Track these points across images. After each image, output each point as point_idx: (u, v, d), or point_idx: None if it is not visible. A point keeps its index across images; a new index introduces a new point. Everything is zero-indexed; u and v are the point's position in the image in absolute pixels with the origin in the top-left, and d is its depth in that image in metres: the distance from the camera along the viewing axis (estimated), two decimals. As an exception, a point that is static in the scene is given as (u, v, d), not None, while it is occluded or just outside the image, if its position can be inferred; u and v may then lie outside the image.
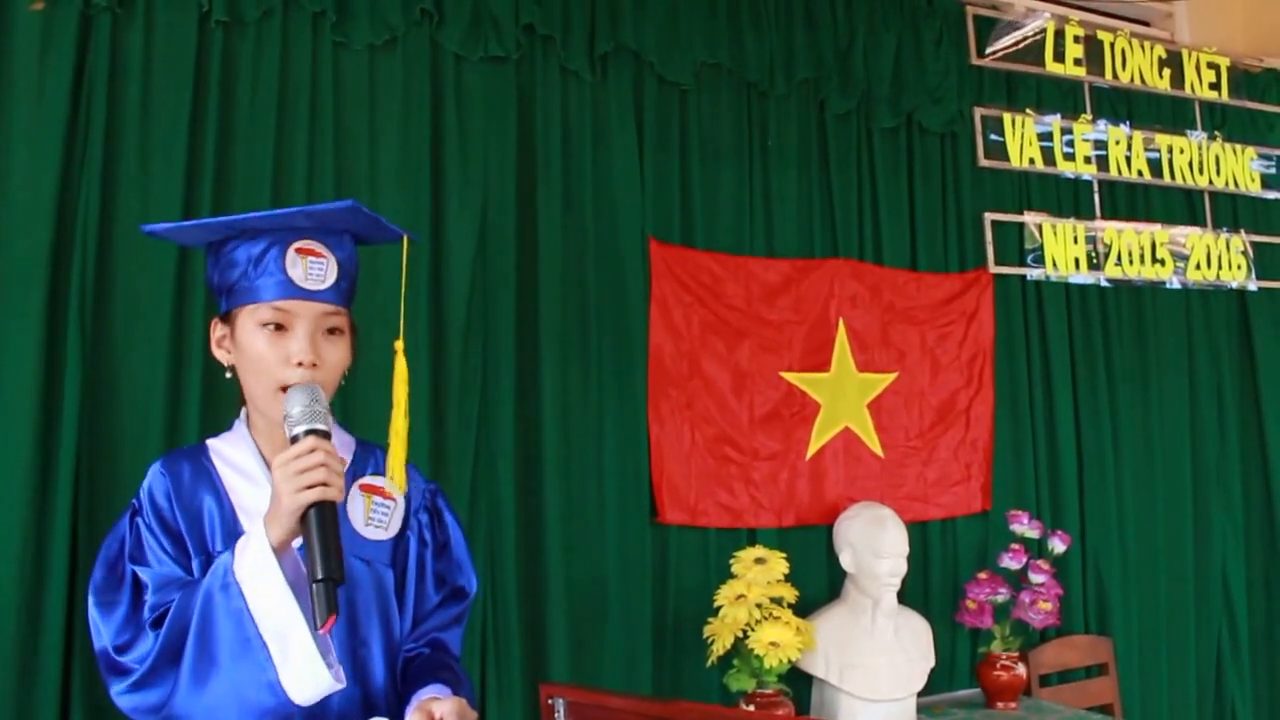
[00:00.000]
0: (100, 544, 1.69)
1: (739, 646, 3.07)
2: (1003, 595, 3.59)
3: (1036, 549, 3.80)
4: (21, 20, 2.72)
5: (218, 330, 1.70)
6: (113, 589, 1.61)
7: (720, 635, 3.08)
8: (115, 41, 2.82)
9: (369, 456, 1.79)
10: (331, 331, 1.66)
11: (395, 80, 3.16)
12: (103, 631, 1.58)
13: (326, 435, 1.53)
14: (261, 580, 1.47)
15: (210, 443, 1.75)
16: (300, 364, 1.60)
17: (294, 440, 1.51)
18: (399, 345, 1.74)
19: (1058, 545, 3.80)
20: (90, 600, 1.61)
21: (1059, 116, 4.31)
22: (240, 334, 1.64)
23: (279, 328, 1.62)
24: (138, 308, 2.78)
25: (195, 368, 2.79)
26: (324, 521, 1.45)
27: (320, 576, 1.42)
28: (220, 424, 1.85)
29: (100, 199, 2.76)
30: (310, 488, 1.46)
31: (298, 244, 1.62)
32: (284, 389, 1.60)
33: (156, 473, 1.70)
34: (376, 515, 1.73)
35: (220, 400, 2.69)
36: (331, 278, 1.64)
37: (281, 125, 3.00)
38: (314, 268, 1.63)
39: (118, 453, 2.72)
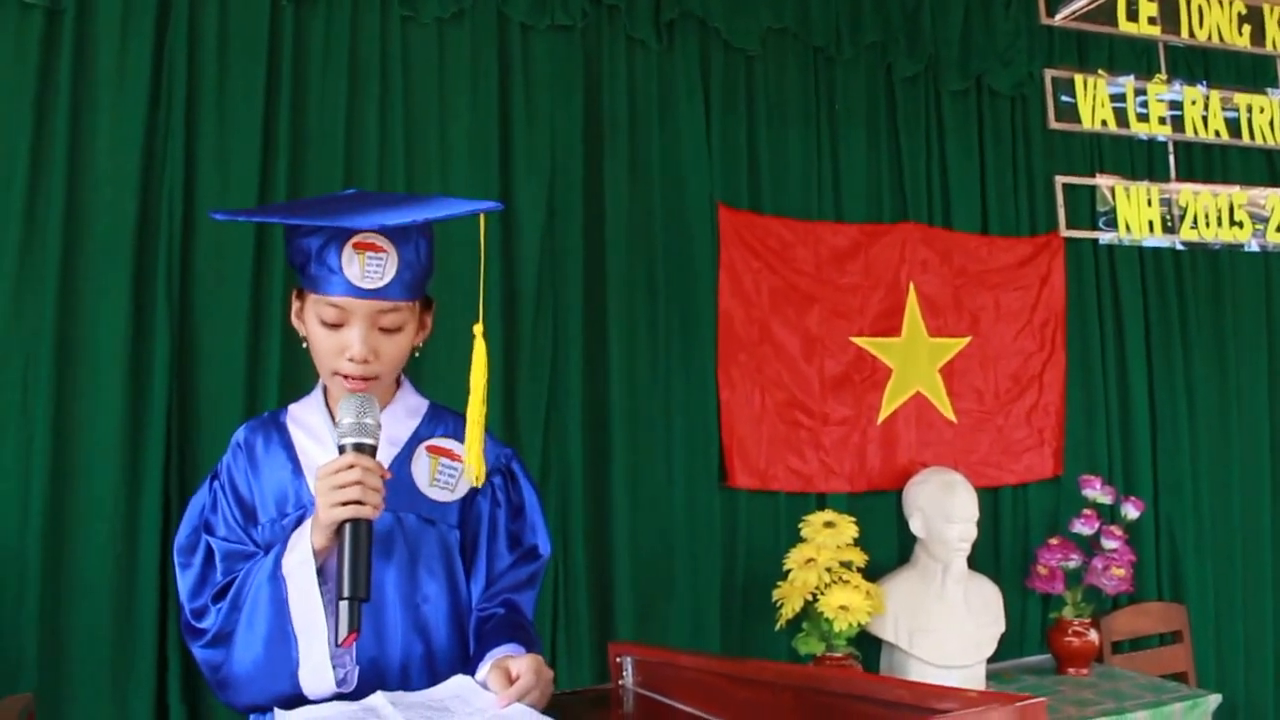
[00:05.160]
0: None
1: (808, 610, 3.09)
2: (1074, 561, 3.56)
3: (1109, 515, 3.76)
4: (104, 5, 2.81)
5: (295, 303, 1.73)
6: (190, 550, 1.69)
7: (789, 599, 3.10)
8: (192, 22, 2.90)
9: (440, 420, 1.80)
10: (388, 328, 1.64)
11: (463, 52, 3.20)
12: (181, 588, 1.68)
13: (372, 450, 1.55)
14: (300, 580, 1.54)
15: (290, 408, 1.80)
16: (352, 359, 1.62)
17: (341, 450, 1.54)
18: (478, 330, 1.69)
19: (1130, 511, 3.75)
20: (174, 556, 1.71)
21: (1132, 77, 4.23)
22: (306, 315, 1.67)
23: (336, 324, 1.63)
24: (220, 279, 2.88)
25: (275, 336, 2.87)
26: (356, 539, 1.48)
27: (346, 595, 1.45)
28: (299, 389, 1.91)
29: (183, 175, 2.86)
30: (344, 505, 1.49)
31: (356, 239, 1.58)
32: (335, 374, 1.64)
33: (235, 444, 1.76)
34: (443, 477, 1.74)
35: (299, 366, 2.77)
36: (390, 273, 1.60)
37: (353, 99, 3.06)
38: (371, 265, 1.59)
39: (204, 418, 2.84)
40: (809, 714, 1.12)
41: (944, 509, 3.31)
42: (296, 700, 1.54)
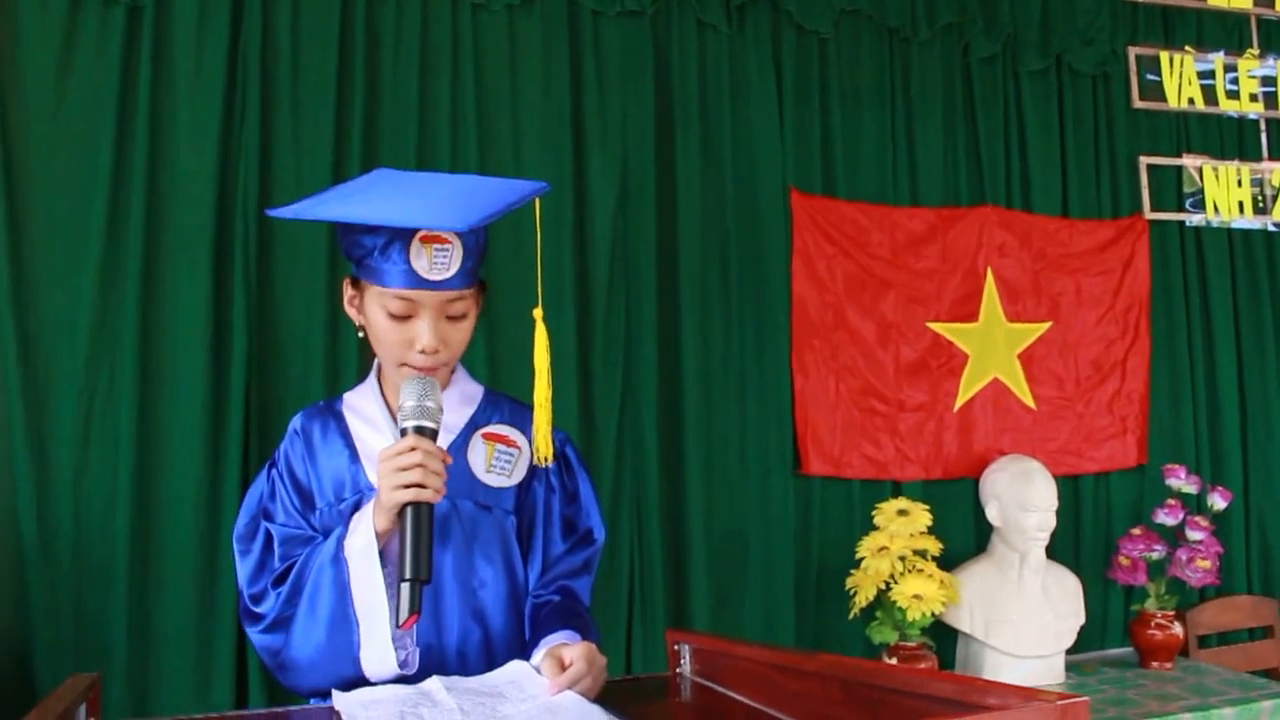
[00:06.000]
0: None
1: (882, 599, 3.06)
2: (1158, 552, 3.48)
3: (1195, 505, 3.66)
4: (181, 0, 2.87)
5: (348, 291, 1.73)
6: (249, 538, 1.72)
7: (862, 587, 3.07)
8: (266, 15, 2.96)
9: (495, 407, 1.81)
10: (454, 316, 1.66)
11: (534, 39, 3.21)
12: (240, 575, 1.70)
13: (434, 434, 1.55)
14: (363, 563, 1.56)
15: (346, 396, 1.82)
16: (423, 351, 1.62)
17: (403, 433, 1.55)
18: (538, 314, 1.68)
19: (1218, 501, 3.65)
20: (233, 544, 1.73)
21: (1222, 53, 4.10)
22: (367, 306, 1.67)
23: (404, 315, 1.63)
24: (297, 263, 2.94)
25: (352, 322, 2.89)
26: (418, 522, 1.48)
27: (407, 576, 1.45)
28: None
29: (258, 166, 2.92)
30: (406, 487, 1.49)
31: (422, 232, 1.58)
32: (404, 365, 1.65)
33: (293, 432, 1.78)
34: (499, 463, 1.74)
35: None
36: (456, 264, 1.61)
37: (425, 87, 3.09)
38: (439, 257, 1.59)
39: (282, 405, 2.89)
40: (856, 706, 1.12)
41: (1021, 497, 3.25)
42: (357, 683, 1.55)
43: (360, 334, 1.73)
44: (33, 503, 2.71)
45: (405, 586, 1.45)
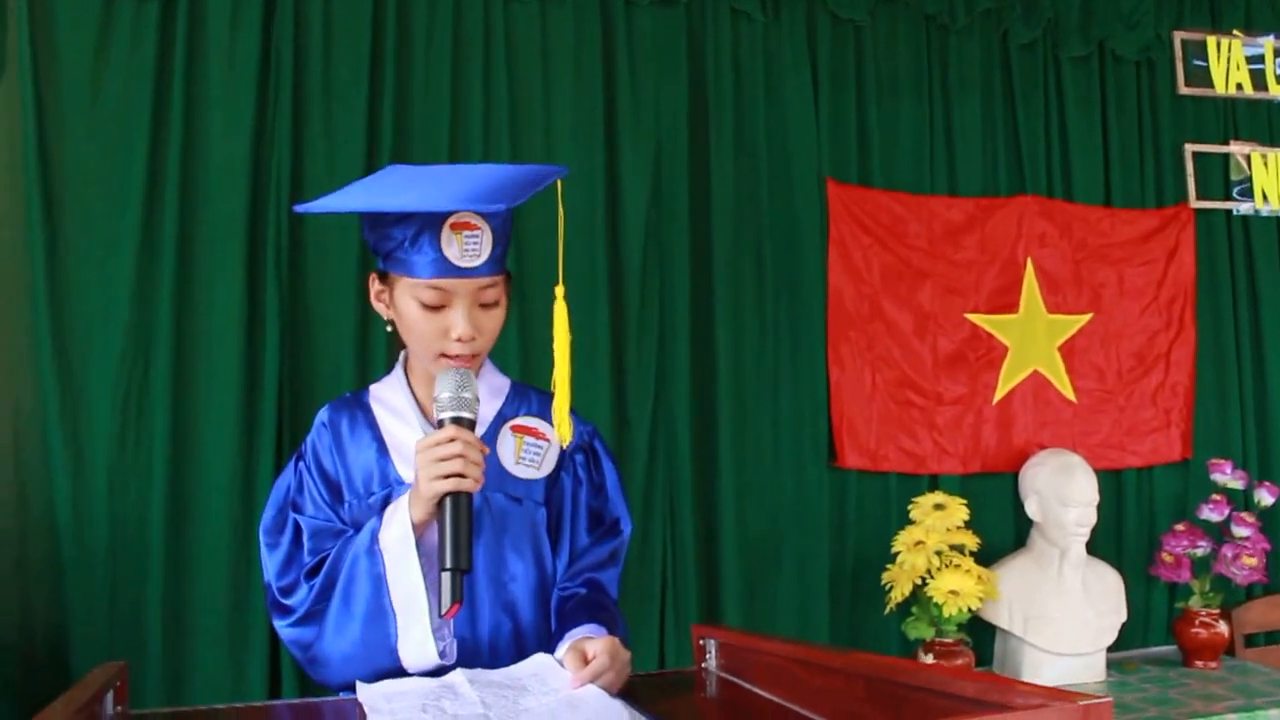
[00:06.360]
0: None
1: (918, 594, 3.02)
2: (1203, 548, 3.41)
3: (1241, 500, 3.59)
4: (214, -6, 2.89)
5: (376, 285, 1.71)
6: (277, 530, 1.70)
7: (898, 582, 3.03)
8: (298, 6, 2.97)
9: (523, 399, 1.80)
10: (487, 304, 1.65)
11: (566, 29, 3.20)
12: (268, 568, 1.69)
13: (471, 425, 1.55)
14: (400, 554, 1.54)
15: (372, 388, 1.81)
16: (459, 339, 1.61)
17: (440, 425, 1.54)
18: (559, 290, 1.68)
19: (1265, 497, 3.57)
20: (260, 537, 1.72)
21: (1272, 37, 4.00)
22: (398, 299, 1.65)
23: (438, 305, 1.62)
24: (329, 255, 2.94)
25: (382, 311, 2.92)
26: (457, 511, 1.48)
27: (448, 566, 1.45)
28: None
29: (290, 158, 2.93)
30: (446, 477, 1.48)
31: (452, 219, 1.58)
32: (441, 355, 1.64)
33: (320, 424, 1.77)
34: (528, 455, 1.74)
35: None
36: (487, 250, 1.61)
37: (456, 79, 3.09)
38: (470, 243, 1.59)
39: (316, 392, 2.91)
40: (880, 703, 1.11)
41: (1061, 492, 3.20)
42: (392, 675, 1.54)
43: (389, 328, 1.72)
44: (69, 495, 2.74)
45: (446, 576, 1.44)
